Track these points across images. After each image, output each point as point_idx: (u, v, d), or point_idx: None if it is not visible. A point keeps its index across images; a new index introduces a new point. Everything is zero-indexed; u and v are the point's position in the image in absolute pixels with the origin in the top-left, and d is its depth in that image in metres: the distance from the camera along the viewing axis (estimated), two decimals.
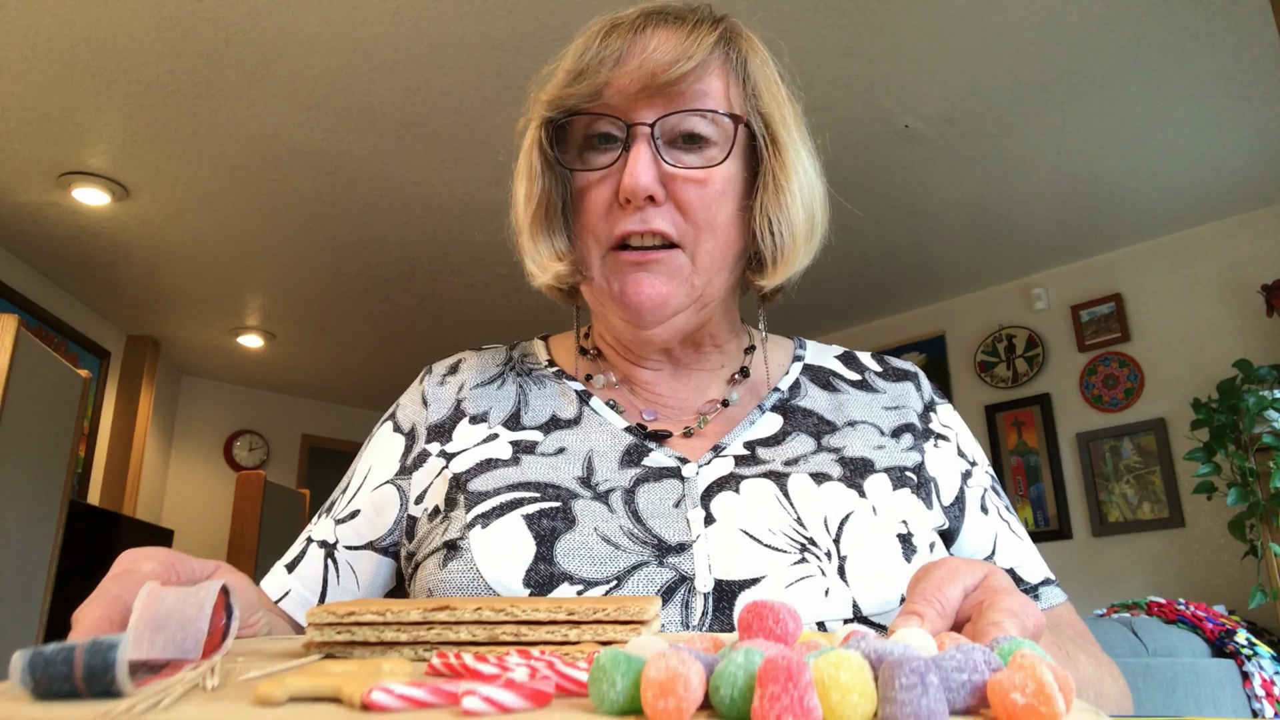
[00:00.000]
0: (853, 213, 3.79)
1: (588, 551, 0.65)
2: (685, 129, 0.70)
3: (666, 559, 0.65)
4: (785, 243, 0.73)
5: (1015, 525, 0.79)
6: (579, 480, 0.71)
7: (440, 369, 0.84)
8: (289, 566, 0.78)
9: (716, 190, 0.71)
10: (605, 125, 0.71)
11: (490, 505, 0.69)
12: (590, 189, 0.72)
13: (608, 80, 0.70)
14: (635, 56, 0.70)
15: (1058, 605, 0.76)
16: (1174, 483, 3.92)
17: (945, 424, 0.81)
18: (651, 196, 0.69)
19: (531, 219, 0.74)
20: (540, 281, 0.76)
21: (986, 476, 0.80)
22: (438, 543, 0.70)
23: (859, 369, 0.84)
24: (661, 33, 0.71)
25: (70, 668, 0.29)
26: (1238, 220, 3.95)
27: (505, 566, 0.65)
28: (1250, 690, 2.18)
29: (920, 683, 0.28)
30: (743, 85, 0.74)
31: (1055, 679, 0.28)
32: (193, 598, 0.40)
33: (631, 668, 0.29)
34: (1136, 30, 2.72)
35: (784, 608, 0.36)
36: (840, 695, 0.27)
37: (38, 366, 2.88)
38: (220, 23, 2.63)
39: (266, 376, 5.95)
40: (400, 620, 0.41)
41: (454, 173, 3.48)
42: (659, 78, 0.68)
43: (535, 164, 0.74)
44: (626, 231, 0.70)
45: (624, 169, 0.69)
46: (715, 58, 0.72)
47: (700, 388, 0.79)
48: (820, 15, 2.63)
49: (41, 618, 2.87)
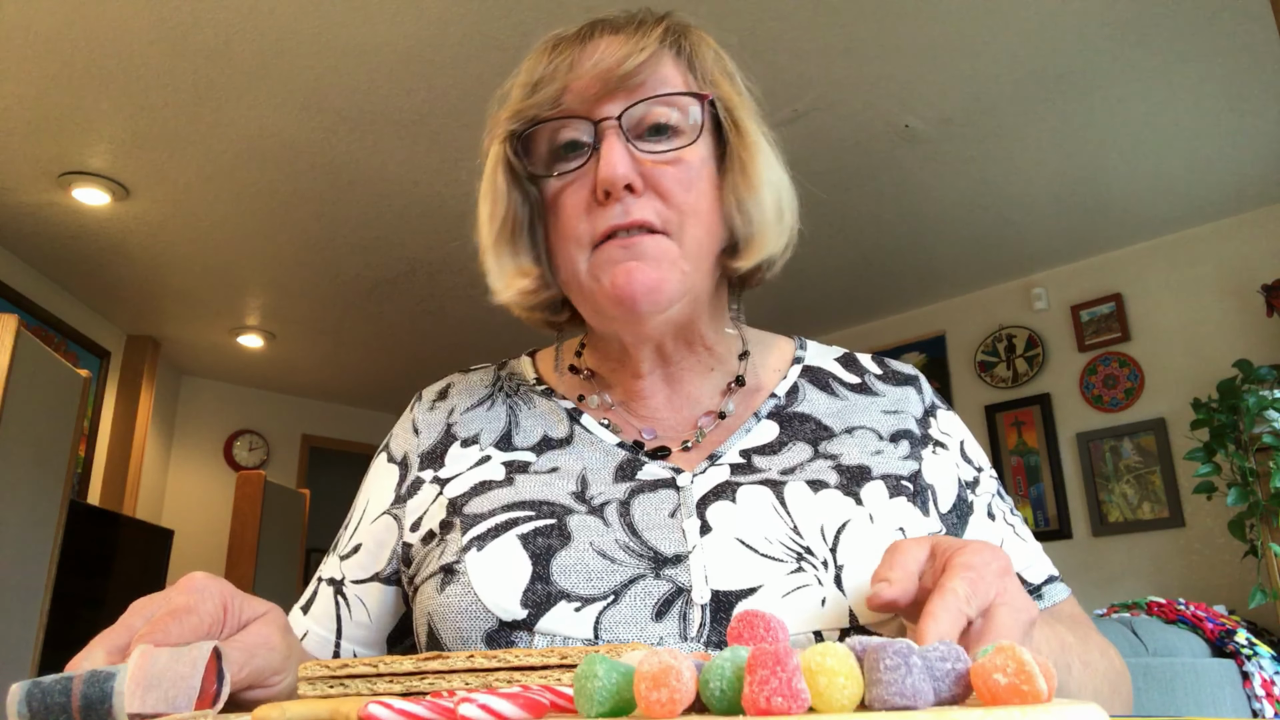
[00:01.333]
0: (853, 212, 3.79)
1: (584, 568, 0.65)
2: (651, 120, 0.71)
3: (663, 571, 0.65)
4: (757, 221, 0.73)
5: (1020, 528, 0.79)
6: (573, 495, 0.70)
7: (430, 394, 0.84)
8: (304, 608, 0.80)
9: (694, 172, 0.71)
10: (570, 131, 0.72)
11: (485, 527, 0.68)
12: (563, 194, 0.72)
13: (565, 85, 0.70)
14: (588, 59, 0.71)
15: (1061, 601, 0.77)
16: (1174, 483, 3.93)
17: (945, 430, 0.80)
18: (630, 186, 0.69)
19: (496, 236, 0.74)
20: (503, 298, 0.75)
21: (992, 481, 0.80)
22: (434, 567, 0.70)
23: (859, 371, 0.83)
24: (607, 37, 0.72)
25: (68, 698, 0.29)
26: (1238, 220, 3.95)
27: (502, 588, 0.65)
28: (1250, 690, 2.18)
29: (904, 663, 0.28)
30: (697, 74, 0.74)
31: (1036, 662, 0.29)
32: (185, 656, 0.41)
33: (613, 665, 0.29)
34: (1136, 30, 2.72)
35: (773, 618, 0.37)
36: (827, 679, 0.28)
37: (38, 366, 2.89)
38: (220, 23, 2.63)
39: (266, 376, 5.95)
40: (393, 671, 0.41)
41: (454, 173, 3.48)
42: (615, 73, 0.69)
43: (500, 183, 0.74)
44: (610, 226, 0.69)
45: (598, 165, 0.69)
46: (666, 50, 0.73)
47: (694, 397, 0.78)
48: (820, 15, 2.63)
49: (41, 618, 2.86)
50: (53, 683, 0.31)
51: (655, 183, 0.70)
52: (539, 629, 0.63)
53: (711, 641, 0.62)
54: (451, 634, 0.66)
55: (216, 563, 5.34)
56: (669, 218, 0.70)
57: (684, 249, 0.71)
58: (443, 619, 0.67)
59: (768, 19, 2.63)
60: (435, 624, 0.68)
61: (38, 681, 0.30)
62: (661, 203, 0.70)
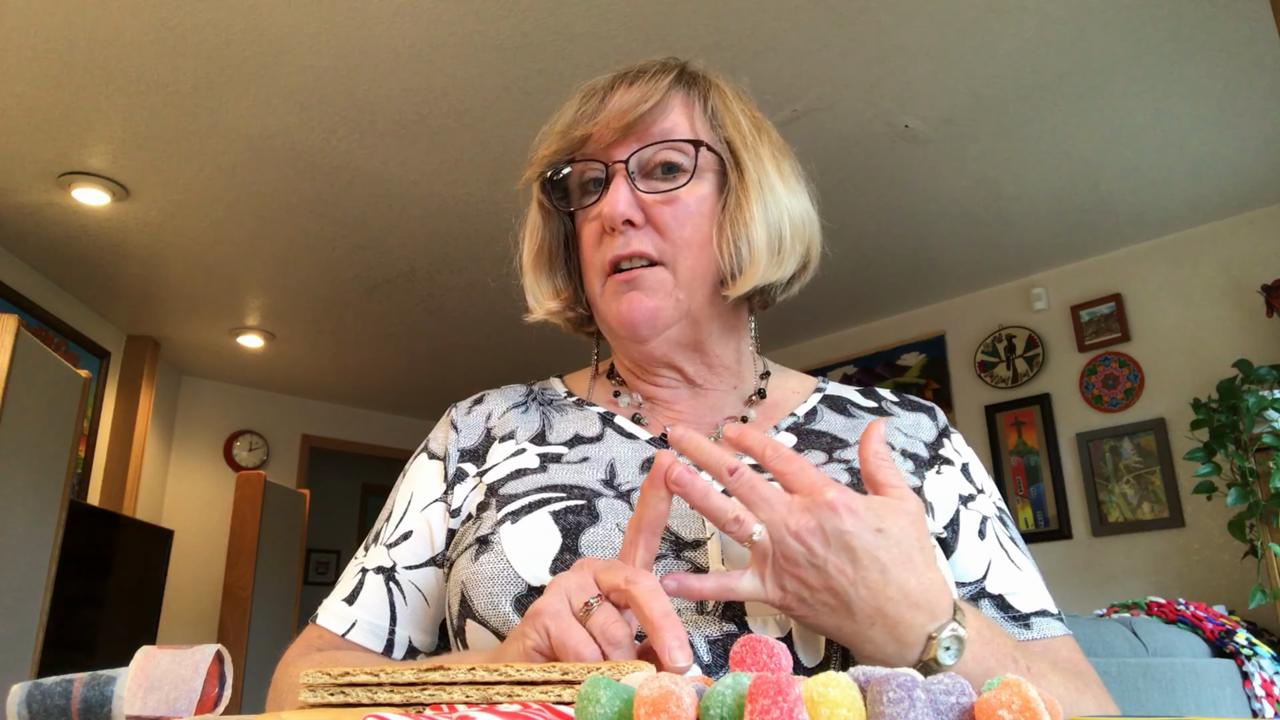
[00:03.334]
0: (853, 212, 3.79)
1: (609, 544, 0.70)
2: (660, 160, 0.80)
3: (683, 553, 0.69)
4: (744, 255, 0.80)
5: (1017, 556, 0.79)
6: (602, 482, 0.76)
7: (465, 403, 0.90)
8: (348, 600, 0.81)
9: (689, 209, 0.80)
10: (592, 171, 0.82)
11: (520, 505, 0.74)
12: (585, 226, 0.83)
13: (588, 133, 0.80)
14: (606, 109, 0.80)
15: (1053, 638, 0.75)
16: (1174, 483, 3.92)
17: (956, 450, 0.84)
18: (630, 221, 0.78)
19: (533, 261, 0.86)
20: (536, 316, 0.87)
21: (993, 507, 0.81)
22: (470, 540, 0.74)
23: (876, 399, 0.89)
24: (624, 87, 0.82)
25: (67, 701, 0.29)
26: (1238, 220, 3.95)
27: (533, 557, 0.69)
28: (1250, 690, 2.18)
29: (907, 697, 0.28)
30: (707, 117, 0.83)
31: (1043, 699, 0.29)
32: (187, 659, 0.41)
33: (616, 690, 0.29)
34: (1136, 30, 2.72)
35: (776, 644, 0.37)
36: (829, 710, 0.28)
37: (38, 366, 2.89)
38: (220, 23, 2.63)
39: (266, 376, 5.95)
40: (394, 681, 0.42)
41: (454, 173, 3.48)
42: (626, 119, 0.79)
43: (535, 216, 0.87)
44: (615, 256, 0.79)
45: None
46: (675, 96, 0.82)
47: (717, 406, 0.85)
48: (820, 15, 2.63)
49: (41, 618, 2.86)
50: (53, 684, 0.31)
51: (654, 218, 0.79)
52: None
53: (725, 615, 0.66)
54: (483, 598, 0.69)
55: (216, 563, 5.34)
56: (664, 249, 0.79)
57: (678, 278, 0.79)
58: (475, 585, 0.70)
59: (768, 19, 2.63)
60: (468, 590, 0.71)
61: (38, 683, 0.30)
62: (659, 236, 0.79)
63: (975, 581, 0.77)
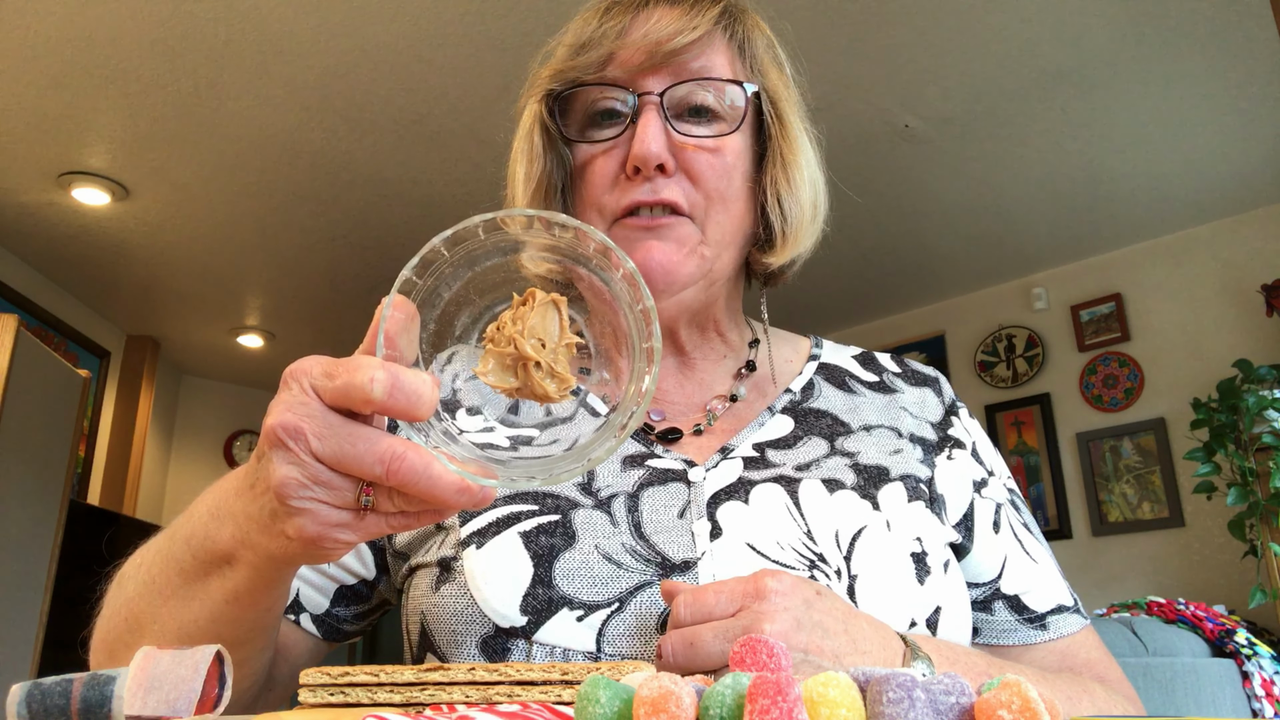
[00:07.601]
0: (853, 212, 3.79)
1: (588, 571, 0.62)
2: (692, 102, 0.69)
3: (671, 578, 0.62)
4: (793, 218, 0.72)
5: (1031, 545, 0.75)
6: (579, 487, 0.68)
7: (442, 357, 0.81)
8: None
9: (730, 160, 0.70)
10: (609, 100, 0.70)
11: (486, 521, 0.66)
12: (593, 162, 0.71)
13: (612, 52, 0.68)
14: (639, 29, 0.68)
15: (1072, 634, 0.71)
16: (1174, 482, 3.92)
17: (965, 428, 0.78)
18: (662, 166, 0.67)
19: (530, 199, 0.73)
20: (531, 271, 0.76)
21: (1004, 490, 0.77)
22: (431, 558, 0.67)
23: (877, 370, 0.81)
24: (663, 8, 0.70)
25: (67, 701, 0.29)
26: (1238, 220, 3.94)
27: (501, 592, 0.62)
28: (1250, 690, 2.18)
29: (907, 697, 0.28)
30: (747, 62, 0.73)
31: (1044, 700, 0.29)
32: (188, 659, 0.41)
33: (616, 690, 0.29)
34: (1136, 30, 2.72)
35: (776, 644, 0.37)
36: (829, 711, 0.28)
37: (38, 366, 2.89)
38: (220, 23, 2.63)
39: (266, 376, 5.94)
40: (394, 681, 0.41)
41: (454, 173, 3.48)
42: (664, 47, 0.67)
43: (536, 143, 0.73)
44: (636, 201, 0.68)
45: (632, 139, 0.68)
46: (719, 32, 0.71)
47: (706, 383, 0.77)
48: (820, 15, 2.63)
49: (41, 617, 2.86)
50: (52, 684, 0.30)
51: (689, 165, 0.68)
52: (538, 639, 0.60)
53: None
54: (445, 637, 0.63)
55: None
56: (696, 201, 0.69)
57: (707, 235, 0.70)
58: (437, 620, 0.64)
59: (767, 19, 2.63)
60: (429, 624, 0.65)
61: (38, 683, 0.30)
62: (691, 186, 0.69)
63: (990, 582, 0.73)
